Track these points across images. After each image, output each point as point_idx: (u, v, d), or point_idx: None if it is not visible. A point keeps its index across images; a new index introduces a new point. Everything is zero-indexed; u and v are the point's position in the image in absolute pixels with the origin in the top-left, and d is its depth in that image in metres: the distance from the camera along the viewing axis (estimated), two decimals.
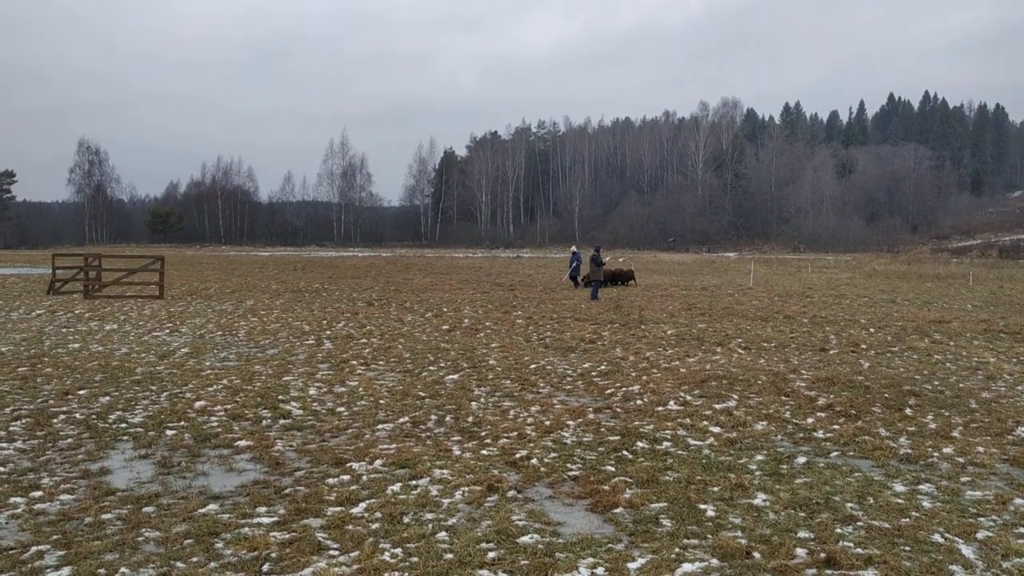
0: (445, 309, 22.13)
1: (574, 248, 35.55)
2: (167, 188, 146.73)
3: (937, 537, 5.40)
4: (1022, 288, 33.63)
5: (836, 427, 8.64)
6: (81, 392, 10.13)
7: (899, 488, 6.53)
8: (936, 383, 11.27)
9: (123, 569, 4.77)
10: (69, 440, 7.87)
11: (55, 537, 5.33)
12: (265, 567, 4.83)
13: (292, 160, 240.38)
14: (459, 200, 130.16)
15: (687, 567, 4.88)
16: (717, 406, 9.65)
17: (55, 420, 8.62)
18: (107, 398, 9.80)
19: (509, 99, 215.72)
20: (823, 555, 5.04)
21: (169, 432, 8.20)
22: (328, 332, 16.73)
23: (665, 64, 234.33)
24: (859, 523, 5.67)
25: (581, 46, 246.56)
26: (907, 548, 5.22)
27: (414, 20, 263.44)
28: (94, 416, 8.83)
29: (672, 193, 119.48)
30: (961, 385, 11.17)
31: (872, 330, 17.78)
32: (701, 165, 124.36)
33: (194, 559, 4.97)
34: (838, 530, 5.52)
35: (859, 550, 5.15)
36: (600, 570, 4.85)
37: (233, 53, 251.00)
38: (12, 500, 6.05)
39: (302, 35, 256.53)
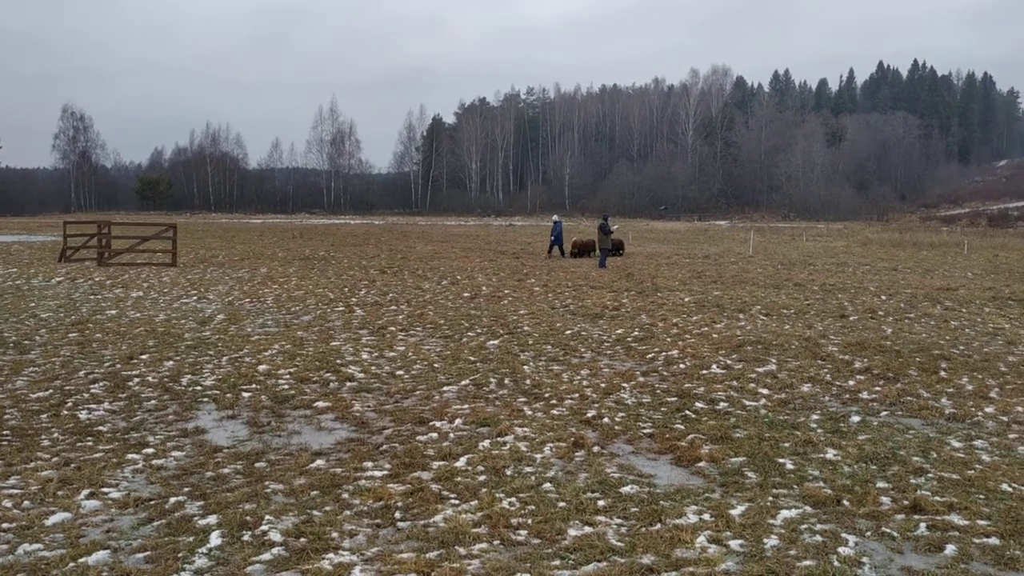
0: (459, 277, 22.45)
1: (556, 217, 35.11)
2: (152, 155, 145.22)
3: (1005, 487, 5.84)
4: (1017, 257, 34.26)
5: (878, 389, 9.09)
6: (143, 357, 10.44)
7: (956, 444, 6.99)
8: (962, 348, 11.76)
9: (267, 517, 5.14)
10: (153, 402, 8.20)
11: (186, 489, 5.69)
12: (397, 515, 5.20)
13: (282, 128, 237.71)
14: (449, 168, 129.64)
15: (785, 513, 5.29)
16: (759, 369, 10.08)
17: (130, 383, 8.94)
18: (171, 363, 10.11)
19: (510, 67, 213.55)
20: (906, 502, 5.47)
21: (245, 394, 8.54)
22: (354, 299, 17.03)
23: (668, 34, 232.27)
24: (930, 475, 6.11)
25: (587, 15, 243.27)
26: (981, 496, 5.66)
27: None
28: (167, 379, 9.16)
29: (662, 161, 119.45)
30: (986, 349, 11.66)
31: (884, 297, 18.28)
32: (691, 133, 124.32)
33: (327, 508, 5.34)
34: (912, 481, 5.96)
35: (938, 498, 5.58)
36: (707, 516, 5.26)
37: (235, 23, 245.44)
38: (129, 456, 6.40)
39: (307, 5, 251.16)
